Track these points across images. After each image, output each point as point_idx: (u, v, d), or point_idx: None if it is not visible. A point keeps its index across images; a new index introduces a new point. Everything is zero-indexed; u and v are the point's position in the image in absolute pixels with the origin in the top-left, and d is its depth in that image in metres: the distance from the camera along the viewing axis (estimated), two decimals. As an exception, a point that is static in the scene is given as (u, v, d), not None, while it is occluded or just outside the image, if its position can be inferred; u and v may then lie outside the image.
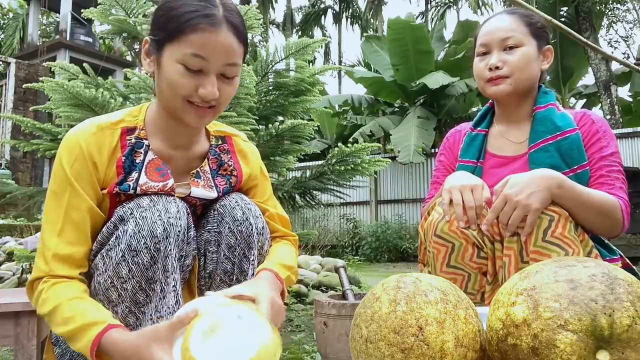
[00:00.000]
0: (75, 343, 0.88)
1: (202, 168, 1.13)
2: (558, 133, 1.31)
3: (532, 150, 1.33)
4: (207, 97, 0.96)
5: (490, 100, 1.50)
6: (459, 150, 1.49)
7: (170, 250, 0.96)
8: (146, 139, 1.05)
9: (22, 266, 3.40)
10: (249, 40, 1.06)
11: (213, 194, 1.12)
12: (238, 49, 0.98)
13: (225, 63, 0.96)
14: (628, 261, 1.27)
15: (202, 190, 1.10)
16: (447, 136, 1.59)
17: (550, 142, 1.31)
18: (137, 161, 1.03)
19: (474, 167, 1.40)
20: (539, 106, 1.38)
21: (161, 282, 0.96)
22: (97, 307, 0.92)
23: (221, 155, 1.16)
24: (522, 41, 1.34)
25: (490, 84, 1.37)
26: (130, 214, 0.95)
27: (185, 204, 1.05)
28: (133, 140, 1.04)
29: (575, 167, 1.29)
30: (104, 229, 0.99)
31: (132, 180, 1.01)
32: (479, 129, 1.48)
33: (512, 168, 1.36)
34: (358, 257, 8.92)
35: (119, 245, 0.94)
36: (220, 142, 1.17)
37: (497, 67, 1.34)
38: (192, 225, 1.08)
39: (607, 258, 1.22)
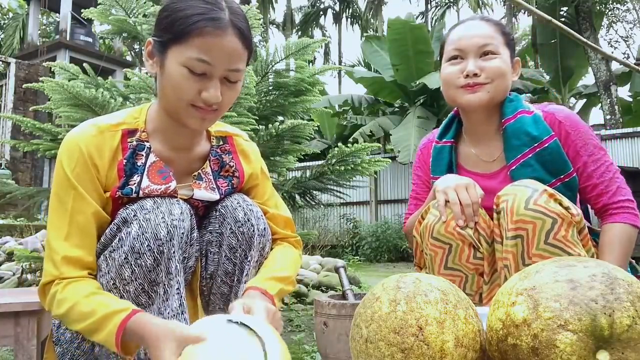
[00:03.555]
0: (98, 334, 0.88)
1: (203, 170, 1.12)
2: (536, 144, 1.25)
3: (514, 167, 1.27)
4: (210, 100, 0.95)
5: (455, 109, 1.42)
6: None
7: (174, 252, 0.96)
8: (147, 141, 1.04)
9: (22, 266, 3.40)
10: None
11: (215, 196, 1.11)
12: (242, 54, 0.97)
13: (229, 68, 0.96)
14: (632, 261, 1.27)
15: (204, 192, 1.10)
16: (421, 147, 1.52)
17: (530, 155, 1.26)
18: (139, 164, 1.03)
19: None
20: (507, 118, 1.30)
21: (164, 285, 0.96)
22: (116, 299, 0.93)
23: (222, 156, 1.15)
24: (499, 50, 1.28)
25: (466, 91, 1.28)
26: (133, 216, 0.95)
27: (188, 206, 1.04)
28: (134, 143, 1.03)
29: (562, 176, 1.25)
30: (107, 231, 0.98)
31: (135, 183, 1.01)
32: (444, 140, 1.42)
33: (494, 182, 1.32)
34: (358, 257, 8.91)
35: (122, 247, 0.94)
36: (221, 143, 1.17)
37: (474, 74, 1.27)
38: (196, 227, 1.08)
39: None
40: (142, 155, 1.03)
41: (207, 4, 0.94)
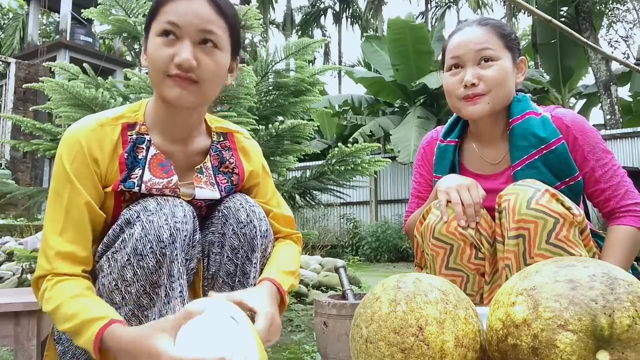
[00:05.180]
0: (79, 338, 0.88)
1: (204, 164, 1.12)
2: (543, 146, 1.23)
3: (518, 168, 1.25)
4: (182, 64, 0.93)
5: None
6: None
7: (176, 255, 0.95)
8: (147, 134, 1.05)
9: (22, 266, 3.39)
10: (248, 40, 1.07)
11: (215, 194, 1.12)
12: (214, 17, 0.97)
13: (199, 29, 0.95)
14: (634, 262, 1.26)
15: (205, 191, 1.10)
16: (423, 145, 1.49)
17: (536, 157, 1.24)
18: (140, 157, 1.03)
19: None
20: (514, 118, 1.28)
21: (166, 287, 0.95)
22: (99, 303, 0.92)
23: (222, 152, 1.15)
24: (498, 54, 1.25)
25: (466, 103, 1.27)
26: (137, 218, 0.95)
27: (191, 207, 1.04)
28: (134, 136, 1.03)
29: (567, 179, 1.24)
30: (110, 232, 0.98)
31: (136, 177, 1.01)
32: (448, 139, 1.40)
33: (497, 183, 1.31)
34: (358, 257, 8.91)
35: (124, 248, 0.94)
36: (221, 139, 1.17)
37: (472, 84, 1.24)
38: (198, 229, 1.08)
39: None
40: (143, 149, 1.04)
41: None
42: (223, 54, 1.00)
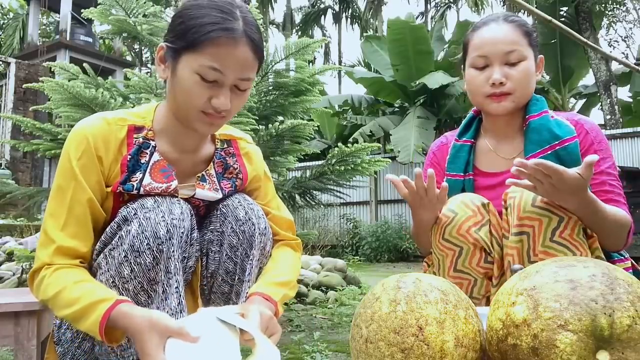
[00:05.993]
0: (83, 322, 0.88)
1: (207, 171, 1.13)
2: (557, 142, 1.25)
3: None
4: (219, 108, 0.97)
5: (474, 107, 1.43)
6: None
7: (173, 251, 0.96)
8: (153, 140, 1.05)
9: (22, 266, 3.40)
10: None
11: (218, 195, 1.12)
12: (253, 64, 0.99)
13: (240, 77, 0.97)
14: (634, 262, 1.26)
15: (206, 192, 1.11)
16: (434, 150, 1.49)
17: (549, 152, 1.25)
18: (142, 162, 1.03)
19: (462, 181, 1.36)
20: (532, 115, 1.31)
21: (163, 284, 0.96)
22: (103, 287, 0.93)
23: (227, 158, 1.16)
24: (524, 54, 1.26)
25: (492, 100, 1.29)
26: (134, 215, 0.96)
27: (189, 206, 1.05)
28: (140, 140, 1.04)
29: None
30: (107, 229, 0.99)
31: (136, 180, 1.02)
32: (464, 139, 1.41)
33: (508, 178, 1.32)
34: (358, 257, 8.91)
35: (122, 245, 0.94)
36: (225, 146, 1.18)
37: (500, 83, 1.26)
38: (196, 227, 1.08)
39: (617, 259, 1.22)
40: (147, 154, 1.04)
41: (222, 13, 0.95)
42: (249, 90, 1.04)
